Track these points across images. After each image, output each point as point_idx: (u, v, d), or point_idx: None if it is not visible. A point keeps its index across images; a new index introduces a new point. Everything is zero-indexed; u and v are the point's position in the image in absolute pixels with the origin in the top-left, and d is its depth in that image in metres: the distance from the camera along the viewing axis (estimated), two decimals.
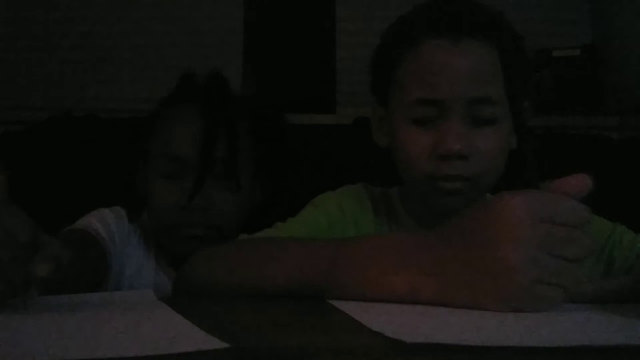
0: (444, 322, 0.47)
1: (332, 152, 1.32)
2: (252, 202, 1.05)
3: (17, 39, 1.82)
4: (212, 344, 0.36)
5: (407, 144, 0.81)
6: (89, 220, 0.96)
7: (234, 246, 0.76)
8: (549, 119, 1.53)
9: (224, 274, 0.69)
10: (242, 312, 0.57)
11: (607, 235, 0.85)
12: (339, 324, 0.49)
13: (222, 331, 0.46)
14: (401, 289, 0.55)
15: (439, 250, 0.55)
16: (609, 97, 1.69)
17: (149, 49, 1.83)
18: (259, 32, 1.85)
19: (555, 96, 1.65)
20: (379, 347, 0.39)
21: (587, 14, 1.86)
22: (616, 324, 0.47)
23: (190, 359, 0.34)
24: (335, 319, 0.52)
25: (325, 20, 1.85)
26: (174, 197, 0.98)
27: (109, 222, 0.98)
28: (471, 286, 0.52)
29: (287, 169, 1.14)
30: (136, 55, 1.83)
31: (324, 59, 1.84)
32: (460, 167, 0.78)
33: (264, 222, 0.86)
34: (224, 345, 0.35)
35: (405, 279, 0.55)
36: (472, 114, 0.78)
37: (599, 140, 1.38)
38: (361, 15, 1.85)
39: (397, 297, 0.55)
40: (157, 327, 0.45)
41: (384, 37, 0.88)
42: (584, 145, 1.36)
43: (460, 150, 0.77)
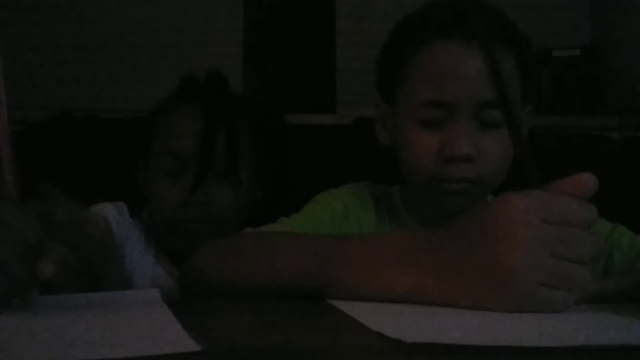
0: (444, 322, 0.47)
1: (332, 152, 1.32)
2: (252, 199, 1.06)
3: (18, 39, 1.81)
4: (185, 346, 0.35)
5: (413, 144, 0.81)
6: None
7: (238, 240, 0.76)
8: (549, 119, 1.53)
9: (228, 269, 0.69)
10: (242, 312, 0.57)
11: (606, 235, 0.85)
12: (339, 324, 0.49)
13: (218, 332, 0.46)
14: (401, 288, 0.55)
15: (441, 250, 0.54)
16: (609, 97, 1.69)
17: (149, 48, 1.82)
18: (259, 32, 1.85)
19: (555, 96, 1.65)
20: (379, 347, 0.39)
21: (587, 14, 1.86)
22: (616, 324, 0.47)
23: None
24: (335, 319, 0.52)
25: (325, 20, 1.85)
26: (175, 193, 0.99)
27: (108, 216, 1.00)
28: (474, 288, 0.52)
29: (288, 166, 1.14)
30: (136, 55, 1.82)
31: (324, 59, 1.83)
32: (466, 169, 0.77)
33: (266, 219, 0.86)
34: (195, 348, 0.35)
35: (405, 278, 0.55)
36: (480, 117, 0.78)
37: (599, 140, 1.38)
38: (361, 15, 1.85)
39: (397, 297, 0.55)
40: (143, 329, 0.44)
41: (393, 34, 0.87)
42: (584, 145, 1.35)
43: (467, 153, 0.76)
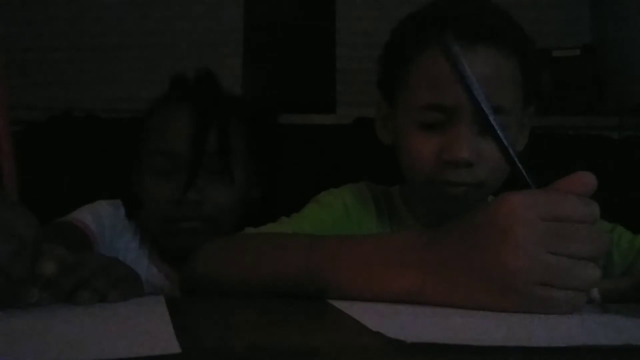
0: (444, 322, 0.47)
1: (332, 152, 1.32)
2: (247, 197, 1.06)
3: (18, 39, 1.82)
4: (165, 348, 0.35)
5: (412, 147, 0.80)
6: (81, 212, 0.99)
7: (238, 241, 0.75)
8: (549, 119, 1.53)
9: (227, 270, 0.69)
10: (242, 312, 0.57)
11: None
12: (339, 324, 0.49)
13: (215, 332, 0.46)
14: (401, 289, 0.55)
15: (440, 250, 0.54)
16: (609, 97, 1.69)
17: (149, 49, 1.83)
18: (259, 32, 1.85)
19: (555, 96, 1.65)
20: (378, 347, 0.39)
21: (587, 14, 1.86)
22: (616, 324, 0.47)
23: None
24: (335, 319, 0.52)
25: (325, 20, 1.85)
26: (168, 193, 1.00)
27: (102, 215, 1.01)
28: (473, 288, 0.51)
29: (284, 164, 1.14)
30: (136, 55, 1.83)
31: (324, 59, 1.84)
32: (465, 174, 0.77)
33: (266, 217, 0.86)
34: (176, 350, 0.35)
35: (405, 279, 0.55)
36: (481, 122, 0.77)
37: (599, 140, 1.38)
38: (361, 15, 1.85)
39: (397, 297, 0.55)
40: (134, 329, 0.44)
41: (395, 34, 0.86)
42: (584, 145, 1.36)
43: (467, 158, 0.76)
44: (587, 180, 0.52)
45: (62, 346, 0.37)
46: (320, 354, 0.38)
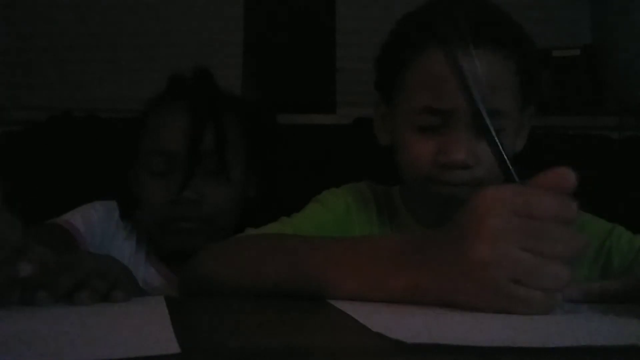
0: (444, 323, 0.47)
1: (332, 152, 1.32)
2: (245, 196, 1.06)
3: (17, 39, 1.82)
4: (165, 349, 0.35)
5: (410, 148, 0.80)
6: (71, 214, 0.99)
7: (238, 243, 0.76)
8: (549, 119, 1.53)
9: (228, 272, 0.69)
10: (242, 312, 0.57)
11: (605, 236, 0.84)
12: (339, 324, 0.49)
13: (214, 332, 0.46)
14: (397, 288, 0.55)
15: (430, 248, 0.55)
16: (609, 97, 1.69)
17: (149, 49, 1.83)
18: (259, 32, 1.85)
19: (555, 96, 1.65)
20: (379, 348, 0.39)
21: (587, 14, 1.86)
22: (616, 324, 0.47)
23: None
24: (335, 319, 0.52)
25: (325, 20, 1.85)
26: (165, 192, 0.99)
27: (93, 217, 1.01)
28: (453, 284, 0.51)
29: (282, 163, 1.14)
30: (136, 55, 1.83)
31: (324, 59, 1.83)
32: (462, 175, 0.77)
33: (264, 219, 0.86)
34: (175, 350, 0.35)
35: (404, 279, 0.55)
36: (477, 125, 0.77)
37: (599, 140, 1.38)
38: (361, 15, 1.85)
39: (393, 297, 0.55)
40: (133, 330, 0.44)
41: (392, 35, 0.86)
42: (584, 145, 1.36)
43: (464, 161, 0.76)
44: (565, 176, 0.50)
45: (62, 346, 0.37)
46: (320, 354, 0.38)
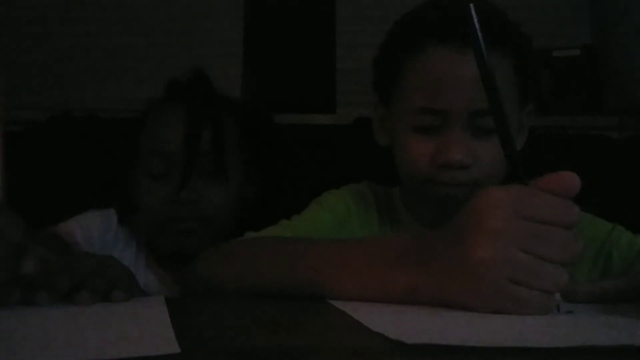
0: (444, 323, 0.47)
1: (332, 152, 1.32)
2: (243, 197, 1.05)
3: (17, 39, 1.81)
4: (164, 349, 0.35)
5: (407, 149, 0.81)
6: (68, 223, 0.99)
7: (239, 246, 0.76)
8: (549, 119, 1.53)
9: (228, 274, 0.69)
10: (242, 312, 0.57)
11: (605, 236, 0.84)
12: (339, 324, 0.49)
13: (213, 332, 0.46)
14: (397, 289, 0.55)
15: (430, 249, 0.54)
16: (609, 97, 1.69)
17: (149, 49, 1.83)
18: (259, 32, 1.85)
19: (555, 96, 1.65)
20: (379, 348, 0.39)
21: (587, 14, 1.85)
22: (616, 324, 0.47)
23: None
24: (335, 319, 0.52)
25: (325, 20, 1.85)
26: (163, 193, 0.99)
27: (91, 226, 1.01)
28: (452, 284, 0.51)
29: (280, 163, 1.14)
30: (136, 55, 1.82)
31: (324, 59, 1.83)
32: (460, 175, 0.77)
33: (264, 220, 0.86)
34: (175, 350, 0.35)
35: (404, 280, 0.55)
36: (475, 125, 0.77)
37: (599, 140, 1.38)
38: (361, 15, 1.85)
39: (393, 298, 0.55)
40: (133, 329, 0.44)
41: (388, 36, 0.86)
42: (584, 145, 1.35)
43: (461, 161, 0.76)
44: (570, 180, 0.50)
45: (62, 346, 0.37)
46: (320, 354, 0.38)
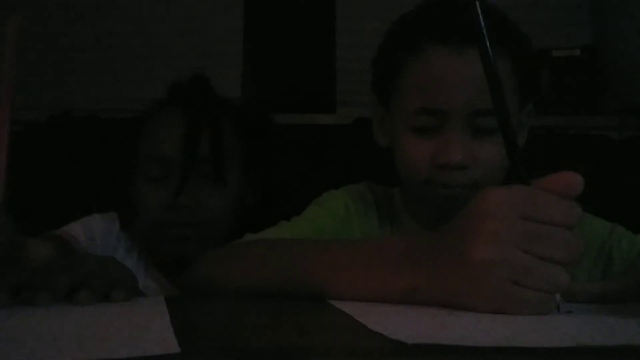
0: (445, 323, 0.47)
1: (332, 152, 1.32)
2: (241, 202, 1.05)
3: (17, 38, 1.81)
4: (164, 348, 0.35)
5: (407, 150, 0.80)
6: (72, 226, 0.98)
7: (239, 247, 0.76)
8: (549, 119, 1.53)
9: (228, 276, 0.69)
10: (242, 312, 0.57)
11: (605, 236, 0.84)
12: (339, 324, 0.49)
13: (214, 332, 0.46)
14: (397, 290, 0.55)
15: (431, 250, 0.54)
16: (609, 97, 1.69)
17: (150, 49, 1.83)
18: (259, 32, 1.85)
19: (555, 96, 1.65)
20: (379, 348, 0.39)
21: (587, 14, 1.86)
22: (616, 324, 0.47)
23: None
24: (335, 319, 0.52)
25: (325, 20, 1.85)
26: (161, 198, 0.99)
27: (94, 230, 1.01)
28: (452, 285, 0.51)
29: (279, 168, 1.14)
30: (136, 55, 1.82)
31: (324, 59, 1.83)
32: (459, 176, 0.77)
33: (263, 222, 0.86)
34: (175, 350, 0.35)
35: (404, 280, 0.55)
36: (474, 125, 0.77)
37: (599, 140, 1.38)
38: (361, 15, 1.85)
39: (393, 298, 0.55)
40: (133, 329, 0.44)
41: (387, 37, 0.86)
42: (584, 145, 1.36)
43: (460, 162, 0.76)
44: (572, 180, 0.50)
45: (62, 346, 0.37)
46: (319, 354, 0.38)
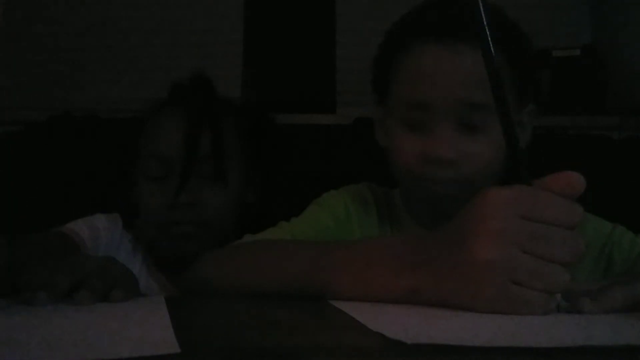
0: (444, 323, 0.47)
1: (332, 152, 1.32)
2: (243, 200, 1.05)
3: (17, 38, 1.81)
4: (164, 349, 0.35)
5: (398, 146, 0.81)
6: (77, 223, 0.98)
7: (237, 248, 0.76)
8: (549, 119, 1.53)
9: (228, 276, 0.70)
10: (242, 312, 0.57)
11: (606, 236, 0.84)
12: (339, 324, 0.49)
13: (214, 332, 0.46)
14: (398, 290, 0.55)
15: (431, 250, 0.54)
16: (609, 97, 1.69)
17: (150, 49, 1.82)
18: (259, 32, 1.85)
19: (555, 96, 1.65)
20: (379, 348, 0.39)
21: (587, 14, 1.86)
22: (616, 324, 0.47)
23: None
24: (335, 319, 0.52)
25: (325, 20, 1.85)
26: (162, 197, 0.99)
27: (99, 228, 1.01)
28: (453, 285, 0.51)
29: (281, 166, 1.14)
30: (136, 55, 1.82)
31: (324, 59, 1.83)
32: (450, 171, 0.77)
33: (264, 222, 0.86)
34: (175, 350, 0.35)
35: (404, 280, 0.55)
36: (463, 120, 0.78)
37: (599, 140, 1.38)
38: (361, 15, 1.85)
39: (394, 299, 0.55)
40: (133, 329, 0.44)
41: (384, 37, 0.88)
42: (584, 145, 1.36)
43: (449, 157, 0.76)
44: (574, 180, 0.50)
45: (62, 346, 0.37)
46: (320, 354, 0.38)
